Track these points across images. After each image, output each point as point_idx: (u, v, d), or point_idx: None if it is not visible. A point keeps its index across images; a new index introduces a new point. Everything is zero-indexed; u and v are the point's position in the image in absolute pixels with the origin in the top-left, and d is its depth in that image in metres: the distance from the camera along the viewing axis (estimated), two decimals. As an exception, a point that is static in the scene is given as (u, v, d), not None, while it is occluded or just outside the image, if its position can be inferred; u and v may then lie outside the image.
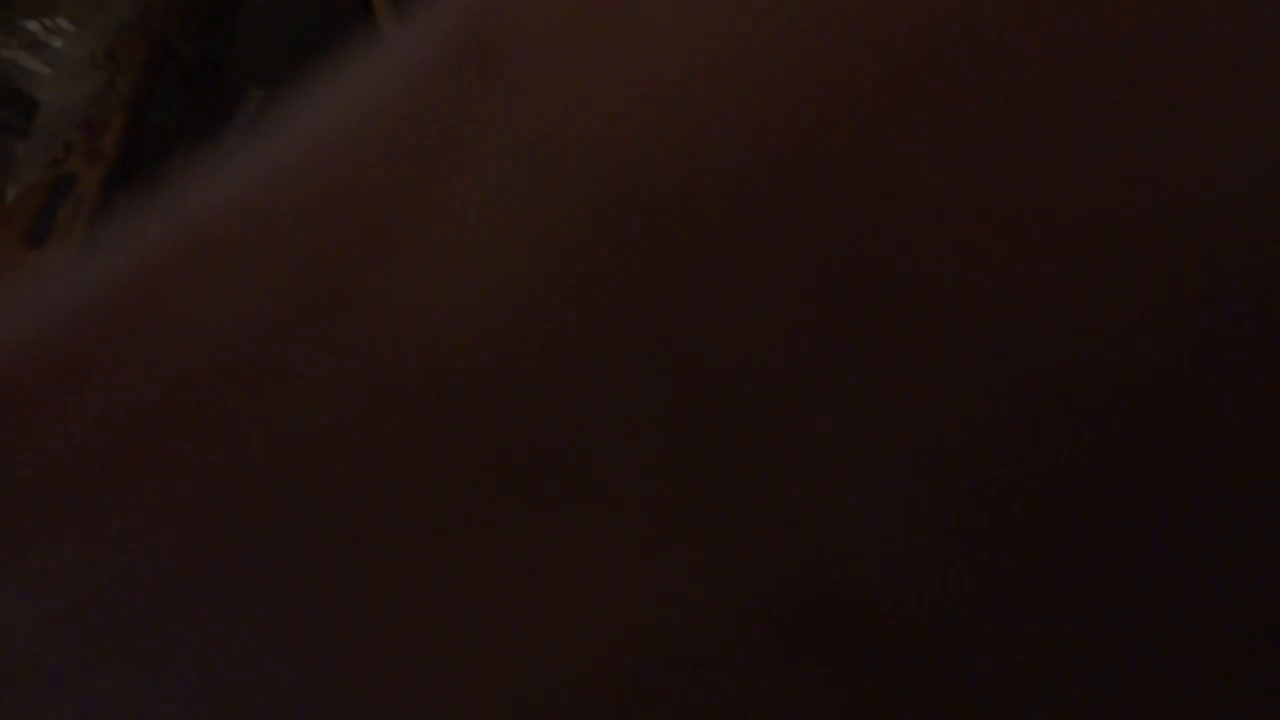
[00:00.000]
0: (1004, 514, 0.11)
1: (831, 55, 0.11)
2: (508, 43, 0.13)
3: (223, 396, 0.13)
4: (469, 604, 0.12)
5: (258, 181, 0.14)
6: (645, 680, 0.12)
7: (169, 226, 0.14)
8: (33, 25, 0.96)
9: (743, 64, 0.12)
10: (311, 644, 0.12)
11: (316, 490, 0.13)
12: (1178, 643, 0.11)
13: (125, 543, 0.13)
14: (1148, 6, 0.11)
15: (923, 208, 0.11)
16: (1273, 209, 0.11)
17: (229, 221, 0.14)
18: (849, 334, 0.11)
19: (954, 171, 0.11)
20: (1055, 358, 0.11)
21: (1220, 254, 0.11)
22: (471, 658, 0.12)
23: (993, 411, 0.11)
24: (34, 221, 0.57)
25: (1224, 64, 0.11)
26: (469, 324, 0.12)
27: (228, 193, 0.14)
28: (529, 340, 0.12)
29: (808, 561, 0.12)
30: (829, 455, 0.12)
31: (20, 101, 0.79)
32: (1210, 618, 0.11)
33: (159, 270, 0.14)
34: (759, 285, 0.12)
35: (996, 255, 0.11)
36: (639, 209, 0.12)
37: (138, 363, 0.13)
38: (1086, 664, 0.12)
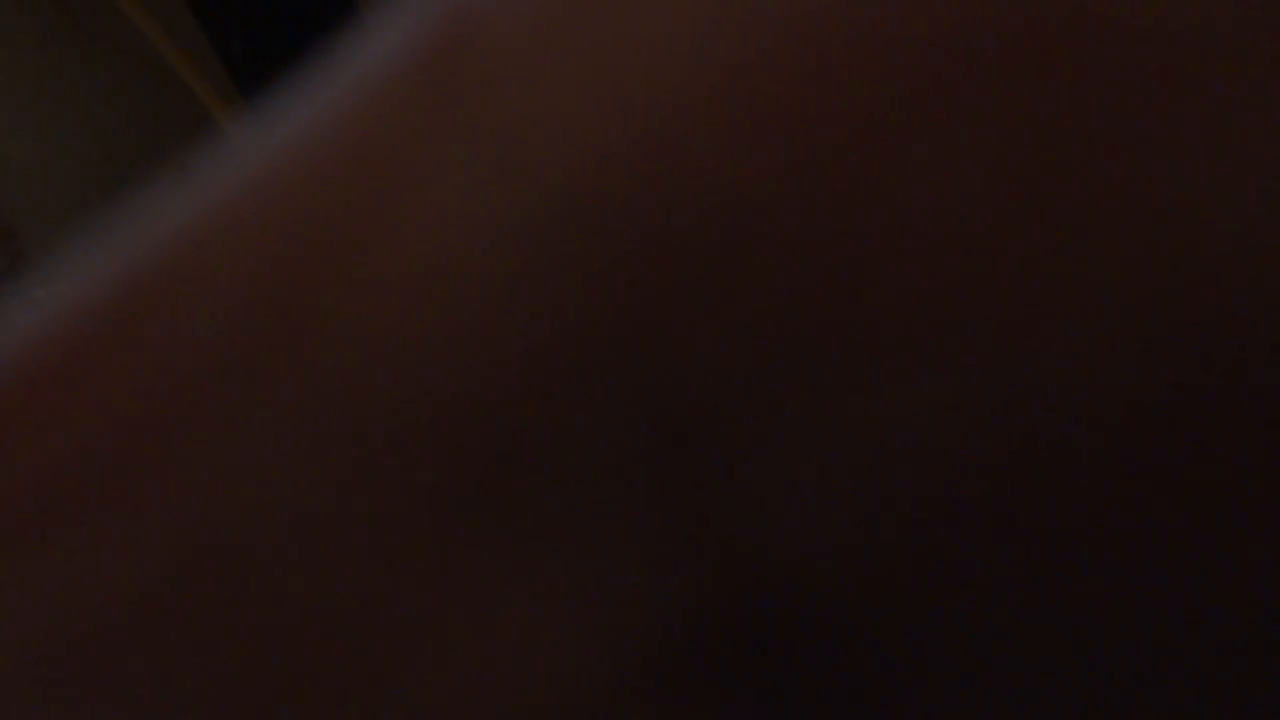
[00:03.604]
0: (964, 540, 0.11)
1: (813, 73, 0.11)
2: (477, 51, 0.12)
3: (177, 428, 0.13)
4: (436, 636, 0.12)
5: (216, 203, 0.13)
6: (617, 697, 0.12)
7: (125, 255, 0.14)
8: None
9: (720, 79, 0.11)
10: (271, 678, 0.12)
11: (280, 520, 0.12)
12: (1130, 676, 0.11)
13: (83, 576, 0.13)
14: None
15: (900, 233, 0.11)
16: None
17: (184, 247, 0.13)
18: (819, 355, 0.11)
19: (938, 197, 0.11)
20: (1022, 388, 0.11)
21: (1226, 271, 0.10)
22: (438, 692, 0.12)
23: (958, 440, 0.11)
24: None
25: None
26: (436, 347, 0.12)
27: (184, 216, 0.14)
28: (499, 363, 0.12)
29: (770, 581, 0.11)
30: (797, 477, 0.11)
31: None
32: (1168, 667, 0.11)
33: (110, 302, 0.13)
34: (731, 305, 0.11)
35: (974, 287, 0.11)
36: (610, 226, 0.12)
37: (90, 395, 0.13)
38: (1048, 691, 0.12)
